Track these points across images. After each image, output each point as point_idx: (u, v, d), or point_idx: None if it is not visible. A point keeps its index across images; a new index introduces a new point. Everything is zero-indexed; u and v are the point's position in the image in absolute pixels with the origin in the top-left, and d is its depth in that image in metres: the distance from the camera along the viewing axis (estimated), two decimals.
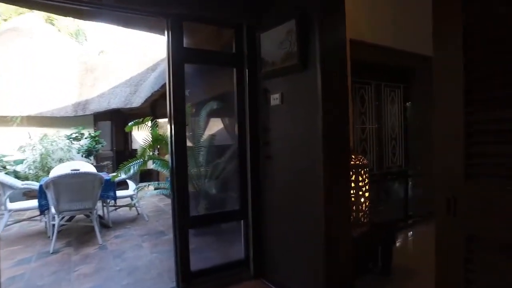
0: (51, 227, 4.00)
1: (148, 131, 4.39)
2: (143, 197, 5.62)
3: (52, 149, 7.74)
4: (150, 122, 4.40)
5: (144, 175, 6.54)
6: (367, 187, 2.69)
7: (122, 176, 4.39)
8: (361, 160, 2.66)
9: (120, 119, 8.63)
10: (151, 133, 4.35)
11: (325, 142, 2.00)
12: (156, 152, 6.73)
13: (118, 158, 8.24)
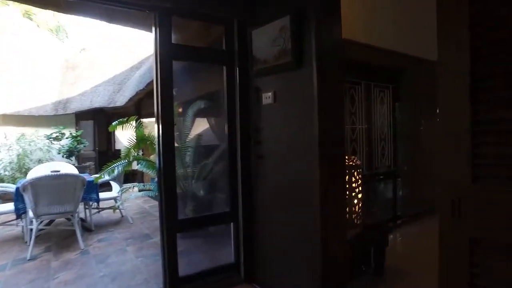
0: (28, 231, 3.79)
1: (133, 131, 4.23)
2: (127, 199, 5.44)
3: (30, 149, 7.43)
4: (135, 121, 4.24)
5: (128, 176, 6.34)
6: (360, 188, 2.65)
7: (106, 177, 4.21)
8: (354, 161, 2.62)
9: (103, 119, 8.37)
10: (136, 133, 4.20)
11: (321, 142, 1.94)
12: (141, 153, 6.55)
13: (101, 159, 7.99)
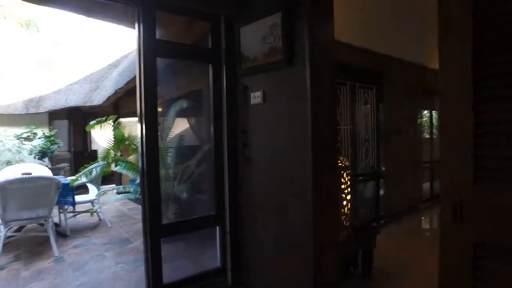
0: None
1: (112, 131, 4.05)
2: (106, 202, 5.21)
3: None
4: (114, 121, 4.06)
5: (104, 178, 6.10)
6: (348, 190, 2.62)
7: (83, 179, 4.00)
8: (343, 162, 2.59)
9: (78, 118, 8.04)
10: (115, 133, 4.02)
11: (314, 143, 1.88)
12: (119, 154, 6.32)
13: (76, 160, 7.66)
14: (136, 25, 2.31)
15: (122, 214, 5.51)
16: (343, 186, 2.53)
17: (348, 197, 2.61)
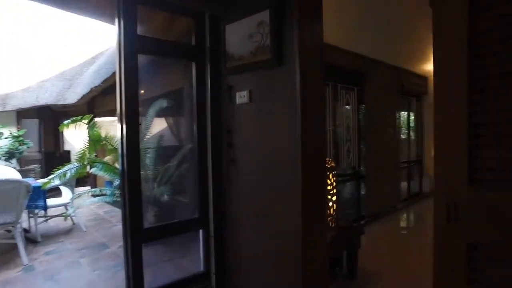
0: None
1: (89, 131, 3.86)
2: (81, 205, 4.97)
3: None
4: (89, 121, 3.87)
5: (78, 180, 5.83)
6: (334, 190, 2.62)
7: (56, 182, 3.79)
8: (329, 163, 2.57)
9: (50, 117, 7.64)
10: (91, 133, 3.84)
11: (304, 144, 1.84)
12: (94, 155, 6.07)
13: (47, 161, 7.29)
14: (116, 20, 2.19)
15: (98, 217, 5.29)
16: (329, 187, 2.51)
17: (334, 198, 2.60)
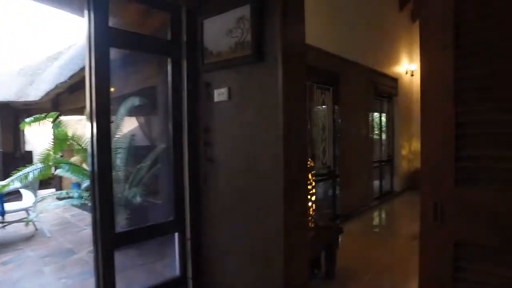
0: None
1: (54, 130, 3.61)
2: (44, 210, 4.65)
3: None
4: (55, 118, 3.63)
5: (42, 182, 5.47)
6: (313, 190, 2.60)
7: (16, 184, 3.51)
8: (309, 163, 2.55)
9: (9, 115, 7.13)
10: (57, 132, 3.60)
11: (286, 143, 1.80)
12: (60, 155, 5.73)
13: (5, 162, 6.79)
14: (86, 11, 2.05)
15: (64, 221, 4.99)
16: (309, 187, 2.49)
17: (313, 197, 2.58)
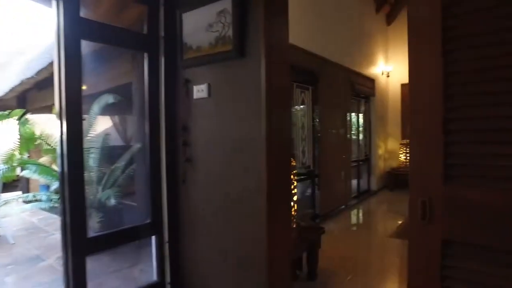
0: None
1: (20, 128, 3.38)
2: (8, 214, 4.36)
3: None
4: (21, 116, 3.40)
5: (5, 184, 5.12)
6: (295, 191, 2.56)
7: None
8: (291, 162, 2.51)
9: None
10: (23, 131, 3.37)
11: (269, 142, 1.74)
12: (26, 156, 5.40)
13: None
14: (54, 1, 1.90)
15: (31, 226, 4.69)
16: (291, 187, 2.45)
17: (295, 198, 2.54)
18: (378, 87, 6.93)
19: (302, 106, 4.56)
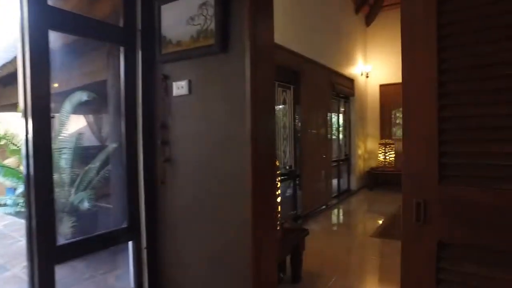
0: None
1: None
2: None
3: None
4: None
5: None
6: (279, 191, 2.50)
7: None
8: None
9: None
10: None
11: (253, 142, 1.66)
12: None
13: None
14: None
15: None
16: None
17: (278, 199, 2.48)
18: (357, 87, 7.01)
19: (283, 105, 4.51)
